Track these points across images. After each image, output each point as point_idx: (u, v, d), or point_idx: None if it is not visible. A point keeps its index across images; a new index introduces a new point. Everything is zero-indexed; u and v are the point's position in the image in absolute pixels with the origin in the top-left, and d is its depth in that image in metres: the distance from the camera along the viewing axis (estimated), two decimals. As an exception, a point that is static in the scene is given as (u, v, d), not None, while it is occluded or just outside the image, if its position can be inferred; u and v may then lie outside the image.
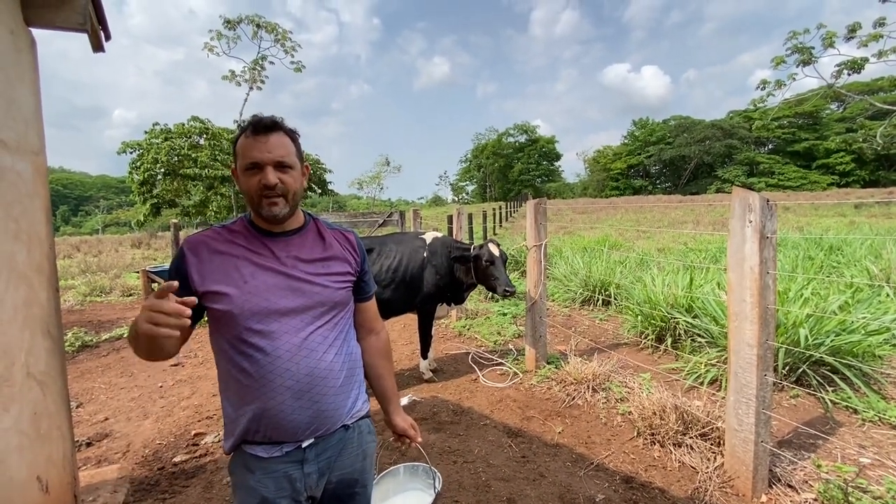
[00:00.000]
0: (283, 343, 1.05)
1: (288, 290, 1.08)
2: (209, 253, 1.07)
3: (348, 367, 1.17)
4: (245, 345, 1.04)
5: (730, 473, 2.21)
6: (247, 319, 1.04)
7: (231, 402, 1.09)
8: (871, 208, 20.40)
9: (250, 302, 1.04)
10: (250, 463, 1.08)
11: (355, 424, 1.20)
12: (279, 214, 1.08)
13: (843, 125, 46.76)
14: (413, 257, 3.52)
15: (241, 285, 1.04)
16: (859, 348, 3.13)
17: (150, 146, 19.37)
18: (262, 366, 1.04)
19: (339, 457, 1.15)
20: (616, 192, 60.37)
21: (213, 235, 1.10)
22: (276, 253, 1.11)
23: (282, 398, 1.05)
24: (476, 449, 2.68)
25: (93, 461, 2.77)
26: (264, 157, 1.04)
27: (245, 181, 1.07)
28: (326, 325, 1.13)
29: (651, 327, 4.17)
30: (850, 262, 6.11)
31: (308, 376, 1.07)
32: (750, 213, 2.00)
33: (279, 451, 1.07)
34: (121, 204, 73.77)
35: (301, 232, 1.18)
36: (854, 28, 21.02)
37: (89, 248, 19.22)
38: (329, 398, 1.11)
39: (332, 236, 1.23)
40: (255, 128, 1.06)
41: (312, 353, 1.08)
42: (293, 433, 1.07)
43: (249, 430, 1.06)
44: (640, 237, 12.22)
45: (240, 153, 1.07)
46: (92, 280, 9.50)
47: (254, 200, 1.07)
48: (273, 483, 1.07)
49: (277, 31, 23.46)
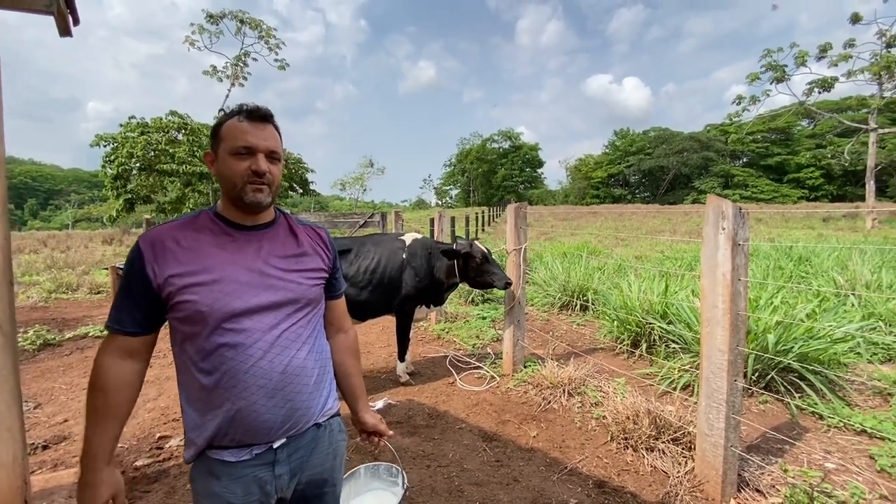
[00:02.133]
0: (255, 341, 1.01)
1: (261, 286, 1.04)
2: (172, 248, 1.00)
3: (321, 365, 1.15)
4: (215, 344, 0.99)
5: (700, 478, 2.24)
6: (217, 318, 0.99)
7: (197, 406, 1.03)
8: (837, 221, 21.23)
9: (221, 300, 0.99)
10: (216, 469, 1.03)
11: (327, 423, 1.17)
12: (263, 202, 1.05)
13: (813, 141, 48.54)
14: (392, 259, 3.47)
15: (210, 282, 0.99)
16: (825, 355, 3.22)
17: (125, 140, 18.79)
18: (233, 365, 0.99)
19: (311, 456, 1.12)
20: (596, 200, 61.36)
21: (174, 229, 1.04)
22: (246, 248, 1.07)
23: (254, 398, 1.01)
24: (450, 453, 2.65)
25: (49, 465, 2.64)
26: (260, 143, 1.03)
27: (231, 164, 1.03)
28: (300, 322, 1.10)
29: (627, 333, 4.22)
30: (817, 272, 6.31)
31: (282, 374, 1.04)
32: (723, 220, 2.03)
33: (248, 453, 1.03)
34: (93, 199, 71.33)
35: (272, 227, 1.14)
36: (825, 48, 21.94)
37: (57, 244, 18.49)
38: (303, 396, 1.08)
39: (304, 232, 1.20)
40: (251, 114, 1.04)
41: (286, 350, 1.05)
42: (265, 434, 1.03)
43: (217, 435, 1.01)
44: (619, 244, 12.43)
45: (228, 135, 1.03)
46: (58, 276, 9.13)
47: (236, 186, 1.03)
48: (241, 488, 1.02)
49: (261, 27, 23.14)
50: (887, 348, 3.77)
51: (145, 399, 3.50)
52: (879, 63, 20.59)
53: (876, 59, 20.99)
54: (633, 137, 66.28)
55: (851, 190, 46.62)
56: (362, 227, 8.00)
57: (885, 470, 2.33)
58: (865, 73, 21.23)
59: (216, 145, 1.06)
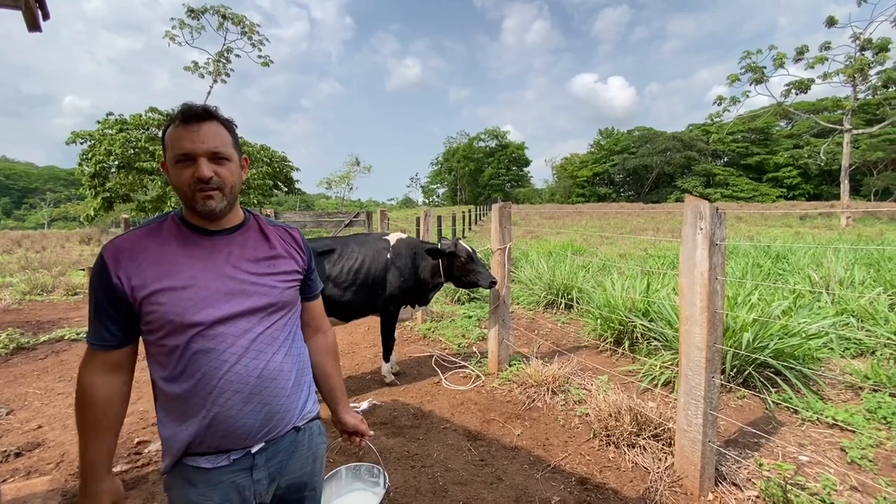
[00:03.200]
0: (230, 346, 1.00)
1: (233, 292, 1.02)
2: (138, 257, 0.98)
3: (298, 368, 1.14)
4: (189, 352, 0.98)
5: (679, 473, 2.28)
6: (189, 326, 0.97)
7: (172, 415, 1.01)
8: (814, 220, 21.80)
9: (192, 308, 0.97)
10: (192, 476, 1.01)
11: (306, 426, 1.16)
12: (216, 209, 1.01)
13: (791, 141, 49.78)
14: (376, 259, 3.46)
15: (179, 290, 0.97)
16: (800, 351, 3.31)
17: (103, 137, 18.29)
18: (208, 371, 0.98)
19: (290, 460, 1.11)
20: (582, 199, 61.98)
21: (139, 237, 1.01)
22: (216, 253, 1.04)
23: (231, 403, 0.99)
24: (435, 453, 2.66)
25: (22, 472, 2.56)
26: (196, 147, 0.97)
27: (177, 174, 0.99)
28: (275, 326, 1.09)
29: (610, 330, 4.27)
30: (794, 269, 6.48)
31: (258, 378, 1.02)
32: (701, 220, 2.07)
33: (226, 459, 1.02)
34: (69, 197, 69.32)
35: (242, 229, 1.11)
36: (802, 50, 22.49)
37: (32, 244, 17.96)
38: (280, 399, 1.07)
39: (276, 234, 1.17)
40: (184, 116, 0.98)
41: (262, 354, 1.04)
42: (243, 439, 1.02)
43: (193, 442, 1.00)
44: (604, 243, 12.57)
45: (169, 144, 0.99)
46: (32, 277, 8.86)
47: (187, 195, 1.00)
48: (219, 494, 1.01)
49: (244, 23, 22.75)
50: (859, 343, 3.89)
51: (124, 403, 3.42)
52: (853, 65, 21.20)
53: (850, 61, 21.61)
54: (617, 137, 67.13)
55: (827, 189, 47.95)
56: (347, 227, 7.94)
57: (855, 462, 2.41)
58: (840, 75, 21.85)
59: (165, 154, 1.02)
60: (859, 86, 22.29)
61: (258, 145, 22.53)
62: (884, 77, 21.30)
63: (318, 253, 3.31)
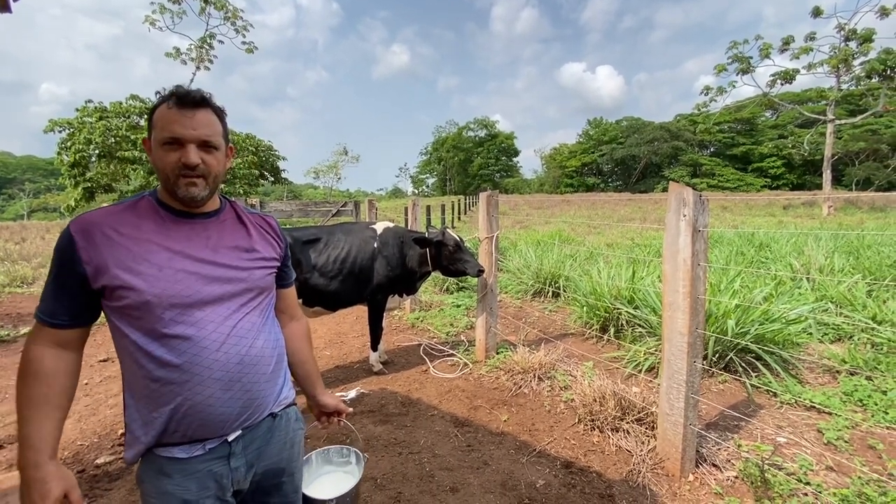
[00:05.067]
0: (209, 333, 0.98)
1: (211, 277, 1.01)
2: (109, 236, 0.94)
3: (277, 353, 1.14)
4: (165, 338, 0.95)
5: (661, 455, 2.33)
6: (165, 310, 0.94)
7: (143, 403, 0.97)
8: (797, 209, 22.21)
9: (168, 291, 0.95)
10: (166, 467, 0.99)
11: (283, 412, 1.16)
12: (197, 196, 1.00)
13: (775, 132, 50.49)
14: (363, 248, 3.43)
15: (155, 273, 0.94)
16: (780, 336, 3.39)
17: (82, 125, 17.80)
18: (186, 359, 0.96)
19: (267, 446, 1.11)
20: (570, 189, 62.28)
21: (110, 215, 0.97)
22: (194, 237, 1.02)
23: (210, 391, 0.98)
24: (422, 440, 2.67)
25: (3, 465, 2.52)
26: (188, 133, 0.96)
27: (161, 156, 0.97)
28: (254, 312, 1.08)
29: (596, 318, 4.32)
30: (776, 257, 6.60)
31: (238, 365, 1.01)
32: (684, 207, 2.08)
33: (201, 448, 1.00)
34: (49, 188, 67.61)
35: (218, 215, 1.10)
36: (788, 41, 22.66)
37: (11, 235, 17.51)
38: (260, 385, 1.06)
39: (253, 221, 1.17)
40: (180, 100, 0.96)
41: (242, 339, 1.03)
42: (220, 427, 1.01)
43: (166, 432, 0.97)
44: (591, 232, 12.66)
45: (158, 124, 0.97)
46: (12, 269, 8.66)
47: (169, 179, 0.98)
48: (195, 484, 0.99)
49: (227, 8, 22.17)
50: (837, 329, 3.98)
51: (108, 395, 3.38)
52: (838, 56, 21.44)
53: (835, 52, 21.85)
54: (606, 127, 67.35)
55: (810, 179, 48.79)
56: (335, 217, 7.86)
57: (831, 443, 2.48)
58: (825, 65, 22.08)
59: (150, 132, 1.00)
60: (843, 76, 22.57)
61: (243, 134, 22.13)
62: (867, 68, 21.55)
63: (303, 242, 3.27)
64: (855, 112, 30.46)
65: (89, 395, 3.39)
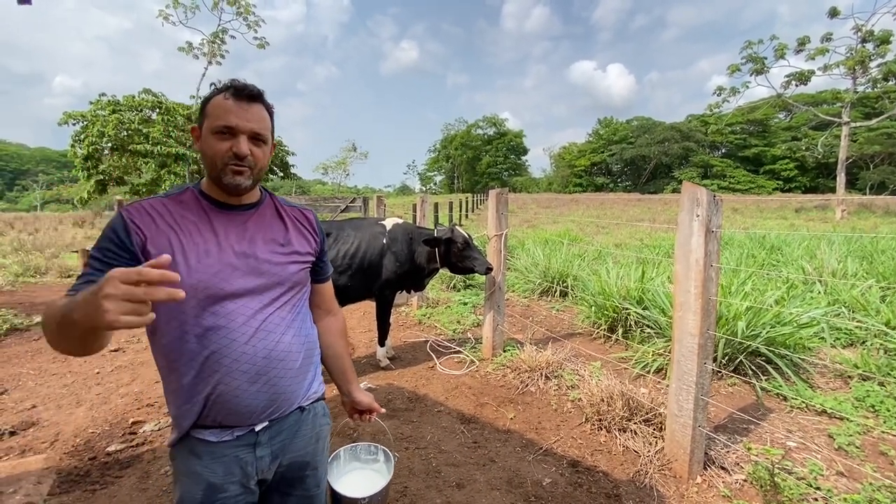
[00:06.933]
0: (239, 325, 0.99)
1: (244, 269, 1.02)
2: (157, 224, 0.97)
3: (306, 349, 1.14)
4: (196, 328, 0.97)
5: (669, 456, 2.31)
6: (199, 301, 0.96)
7: (177, 391, 1.01)
8: (809, 212, 21.91)
9: (203, 282, 0.96)
10: (197, 448, 1.02)
11: (311, 406, 1.17)
12: (242, 185, 1.01)
13: (788, 133, 49.81)
14: (372, 243, 3.44)
15: (192, 264, 0.96)
16: (791, 340, 3.35)
17: (95, 118, 18.00)
18: (216, 349, 0.97)
19: (294, 439, 1.12)
20: (579, 189, 61.95)
21: (157, 205, 1.00)
22: (232, 229, 1.04)
23: (237, 382, 0.99)
24: (429, 435, 2.68)
25: (16, 451, 2.57)
26: (242, 124, 0.99)
27: (212, 144, 0.99)
28: (284, 307, 1.08)
29: (604, 318, 4.30)
30: (788, 260, 6.52)
31: (265, 359, 1.02)
32: (698, 207, 2.06)
33: (230, 434, 1.02)
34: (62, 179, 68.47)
35: (258, 208, 1.11)
36: (804, 41, 22.32)
37: (25, 226, 17.80)
38: (286, 381, 1.07)
39: (291, 214, 1.18)
40: (237, 92, 1.00)
41: (270, 334, 1.04)
42: (247, 417, 1.03)
43: (199, 417, 1.00)
44: (600, 232, 12.60)
45: (212, 113, 0.99)
46: (26, 259, 8.79)
47: (216, 166, 1.00)
48: (222, 468, 1.02)
49: (240, 3, 22.29)
50: (850, 333, 3.93)
51: (119, 384, 3.43)
52: (854, 57, 21.08)
53: (851, 53, 21.48)
54: (616, 126, 66.85)
55: (823, 182, 48.13)
56: (344, 212, 7.89)
57: (842, 448, 2.45)
58: (841, 67, 21.72)
59: (201, 121, 1.02)
60: (859, 78, 22.18)
61: (253, 129, 22.21)
62: (884, 70, 21.17)
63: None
64: (871, 115, 29.92)
65: (101, 384, 3.44)
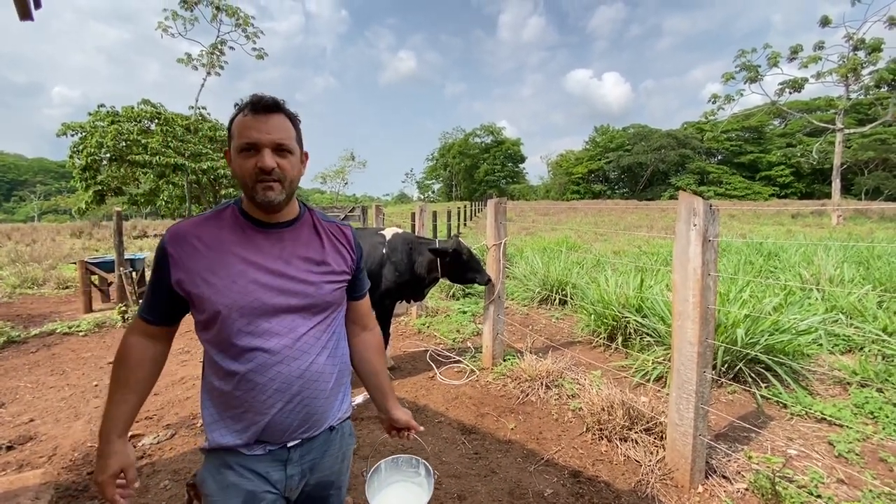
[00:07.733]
0: (273, 345, 1.00)
1: (280, 289, 1.02)
2: (195, 247, 1.00)
3: (339, 370, 1.14)
4: (232, 346, 0.98)
5: (670, 466, 2.31)
6: (235, 320, 0.97)
7: (215, 404, 1.03)
8: (805, 218, 22.02)
9: (238, 302, 0.97)
10: (229, 458, 1.03)
11: (339, 426, 1.16)
12: (274, 200, 1.01)
13: (784, 140, 50.16)
14: (372, 253, 3.46)
15: (228, 284, 0.98)
16: (790, 347, 3.36)
17: (94, 129, 18.11)
18: (252, 368, 0.98)
19: (322, 458, 1.12)
20: (577, 196, 62.14)
21: (198, 226, 1.03)
22: (268, 248, 1.04)
23: (270, 402, 1.00)
24: (429, 446, 2.67)
25: (14, 466, 2.55)
26: (263, 138, 0.98)
27: (240, 164, 0.99)
28: (319, 326, 1.08)
29: (604, 326, 4.31)
30: (785, 267, 6.55)
31: (300, 379, 1.03)
32: (694, 216, 2.08)
33: (262, 449, 1.03)
34: (60, 190, 68.46)
35: (295, 225, 1.11)
36: (796, 49, 22.63)
37: (22, 237, 17.74)
38: (319, 401, 1.07)
39: (329, 231, 1.17)
40: (254, 107, 0.99)
41: (305, 354, 1.04)
42: (280, 435, 1.03)
43: (233, 430, 1.02)
44: (598, 239, 12.63)
45: (236, 133, 1.00)
46: (23, 271, 8.77)
47: (248, 185, 1.00)
48: (253, 481, 1.03)
49: (239, 15, 22.52)
50: (847, 340, 3.95)
51: (117, 397, 3.41)
52: (846, 65, 21.36)
53: (843, 61, 21.77)
54: (612, 134, 67.27)
55: (819, 188, 48.39)
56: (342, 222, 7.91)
57: (842, 455, 2.45)
58: (833, 74, 22.01)
59: (229, 143, 1.04)
60: (852, 85, 22.47)
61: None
62: (876, 77, 21.45)
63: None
64: (864, 121, 30.25)
65: (99, 398, 3.42)
